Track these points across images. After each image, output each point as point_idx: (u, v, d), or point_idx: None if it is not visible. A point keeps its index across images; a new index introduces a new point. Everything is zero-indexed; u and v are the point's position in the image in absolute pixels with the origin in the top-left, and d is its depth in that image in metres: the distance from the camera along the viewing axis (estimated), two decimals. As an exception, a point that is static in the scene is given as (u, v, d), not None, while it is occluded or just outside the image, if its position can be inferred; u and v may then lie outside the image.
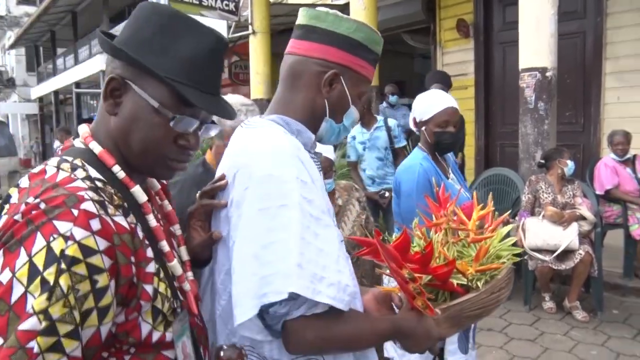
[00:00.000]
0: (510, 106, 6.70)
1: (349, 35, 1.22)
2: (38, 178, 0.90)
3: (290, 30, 1.40)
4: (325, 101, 1.23)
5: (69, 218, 0.81)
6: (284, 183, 1.07)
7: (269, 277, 1.01)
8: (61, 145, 1.66)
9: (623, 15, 6.34)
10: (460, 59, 7.90)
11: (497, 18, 7.58)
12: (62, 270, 0.79)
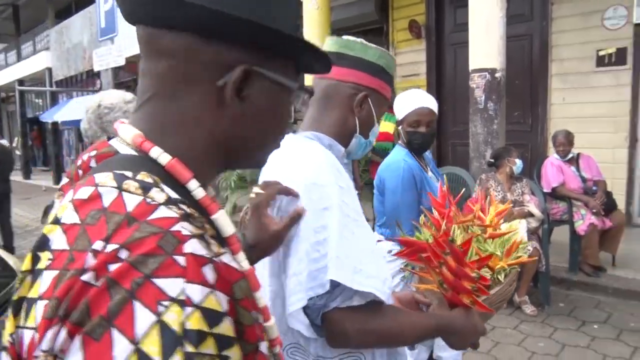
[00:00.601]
0: (461, 106, 6.85)
1: (375, 62, 1.37)
2: (93, 207, 0.58)
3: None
4: (356, 119, 1.38)
5: (176, 271, 0.53)
6: (325, 188, 1.18)
7: (315, 272, 1.10)
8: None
9: (567, 19, 6.58)
10: (412, 60, 8.03)
11: (449, 20, 7.73)
12: (192, 356, 0.51)
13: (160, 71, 0.68)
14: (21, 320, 0.56)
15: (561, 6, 6.64)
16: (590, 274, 4.89)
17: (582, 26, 6.41)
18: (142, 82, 0.72)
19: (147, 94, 0.70)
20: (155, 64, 0.69)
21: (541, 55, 6.79)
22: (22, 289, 0.59)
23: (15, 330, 0.58)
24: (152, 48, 0.69)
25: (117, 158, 0.67)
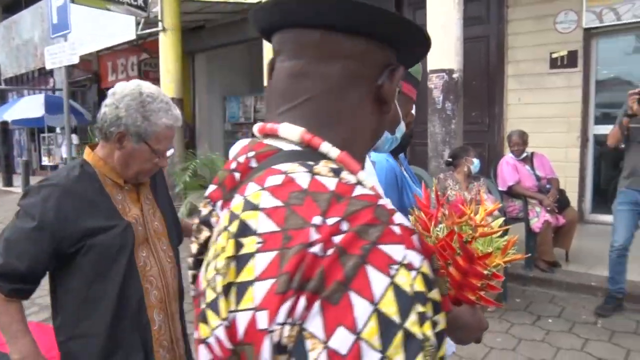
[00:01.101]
0: (420, 106, 6.87)
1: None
2: (291, 190, 0.62)
3: (201, 28, 1.44)
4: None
5: (396, 239, 0.57)
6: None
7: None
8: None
9: (521, 22, 6.74)
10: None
11: (407, 21, 7.82)
12: (423, 317, 0.54)
13: (330, 72, 0.72)
14: (231, 305, 0.59)
15: (516, 9, 6.81)
16: (545, 270, 5.03)
17: (536, 29, 6.59)
18: (298, 83, 0.74)
19: (306, 95, 0.73)
20: (325, 65, 0.72)
21: (497, 57, 6.94)
22: (228, 275, 0.60)
23: (227, 315, 0.59)
24: (325, 50, 0.72)
25: (284, 154, 0.70)
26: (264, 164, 0.70)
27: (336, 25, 0.71)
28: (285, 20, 0.75)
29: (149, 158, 1.76)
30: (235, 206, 0.65)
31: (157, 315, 1.78)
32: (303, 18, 0.73)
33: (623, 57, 6.78)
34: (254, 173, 0.70)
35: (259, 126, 0.79)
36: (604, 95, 6.81)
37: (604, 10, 6.25)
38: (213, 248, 0.66)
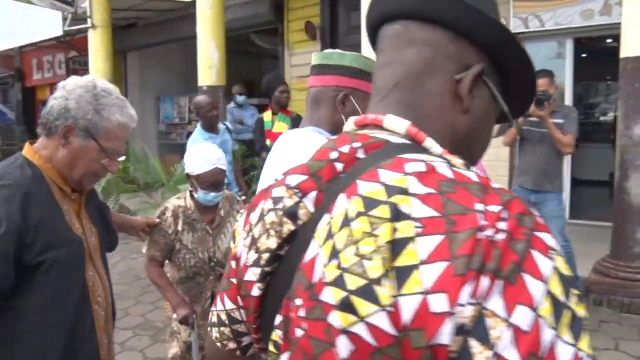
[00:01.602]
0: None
1: (351, 65, 1.62)
2: (437, 179, 0.62)
3: (133, 26, 1.40)
4: (342, 116, 1.62)
5: (543, 228, 0.60)
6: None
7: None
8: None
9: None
10: (308, 61, 7.94)
11: (343, 22, 7.89)
12: (579, 298, 0.58)
13: (407, 58, 0.76)
14: (392, 290, 0.57)
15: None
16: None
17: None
18: (385, 73, 0.79)
19: (391, 83, 0.77)
20: (403, 52, 0.76)
21: (429, 59, 7.10)
22: (384, 260, 0.58)
23: (389, 300, 0.57)
24: (404, 39, 0.76)
25: (395, 146, 0.71)
26: (375, 156, 0.70)
27: (414, 13, 0.76)
28: (374, 15, 0.82)
29: (97, 158, 1.59)
30: (371, 192, 0.63)
31: (104, 337, 1.67)
32: (383, 9, 0.80)
33: (547, 61, 7.09)
34: (368, 163, 0.69)
35: (357, 118, 0.81)
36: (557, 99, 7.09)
37: (530, 16, 6.52)
38: (342, 234, 0.63)
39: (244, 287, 0.78)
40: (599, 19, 6.16)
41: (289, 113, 5.64)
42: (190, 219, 2.69)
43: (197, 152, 2.70)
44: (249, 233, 0.79)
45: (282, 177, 0.81)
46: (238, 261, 0.81)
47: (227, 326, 0.86)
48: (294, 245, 0.72)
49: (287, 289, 0.70)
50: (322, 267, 0.64)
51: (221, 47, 6.61)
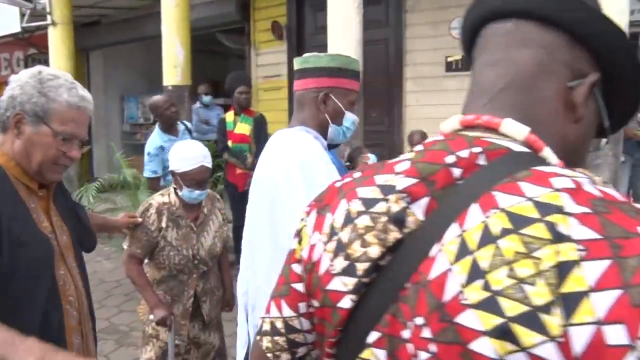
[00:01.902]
0: (323, 107, 6.98)
1: (328, 65, 1.72)
2: (587, 197, 0.58)
3: (97, 24, 1.38)
4: (325, 114, 1.74)
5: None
6: (315, 161, 1.60)
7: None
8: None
9: (419, 27, 6.97)
10: (274, 61, 8.04)
11: (309, 22, 7.86)
12: None
13: (520, 58, 0.72)
14: (561, 319, 0.52)
15: (414, 14, 7.03)
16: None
17: (433, 34, 6.84)
18: (491, 72, 0.75)
19: (501, 83, 0.73)
20: (515, 53, 0.73)
21: (397, 59, 7.13)
22: (549, 285, 0.53)
23: (559, 331, 0.52)
24: (516, 38, 0.73)
25: (519, 155, 0.67)
26: (502, 164, 0.65)
27: (530, 12, 0.73)
28: (481, 10, 0.78)
29: (52, 144, 1.52)
30: (517, 207, 0.58)
31: (75, 338, 1.61)
32: (499, 5, 0.76)
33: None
34: (498, 173, 0.64)
35: (462, 118, 0.76)
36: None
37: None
38: (486, 252, 0.57)
39: (326, 297, 0.71)
40: None
41: (252, 113, 5.60)
42: (175, 216, 2.66)
43: (183, 149, 2.67)
44: (330, 236, 0.72)
45: (364, 174, 0.76)
46: (314, 267, 0.73)
47: (283, 335, 0.80)
48: (400, 256, 0.66)
49: (389, 304, 0.65)
50: (458, 286, 0.58)
51: (186, 46, 6.52)
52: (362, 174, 0.76)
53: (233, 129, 5.55)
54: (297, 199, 1.54)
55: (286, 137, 1.76)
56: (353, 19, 5.08)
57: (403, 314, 0.63)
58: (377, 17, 7.10)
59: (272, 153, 1.76)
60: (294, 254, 0.80)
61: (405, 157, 0.74)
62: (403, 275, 0.64)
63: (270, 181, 1.70)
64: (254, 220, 1.84)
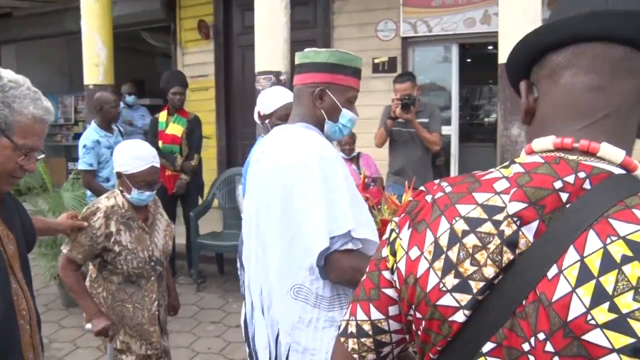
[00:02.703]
0: (250, 107, 6.90)
1: (326, 61, 1.69)
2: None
3: (8, 16, 1.27)
4: (321, 110, 1.72)
5: None
6: (332, 161, 1.57)
7: (334, 219, 1.48)
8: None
9: (346, 28, 7.06)
10: (201, 60, 7.90)
11: (237, 22, 7.77)
12: None
13: (625, 89, 0.76)
14: None
15: (341, 16, 7.11)
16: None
17: (359, 36, 6.94)
18: (597, 98, 0.77)
19: (605, 110, 0.76)
20: (622, 82, 0.76)
21: (324, 61, 7.17)
22: None
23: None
24: (625, 66, 0.75)
25: (622, 178, 0.72)
26: (604, 188, 0.70)
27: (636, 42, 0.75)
28: (601, 31, 0.75)
29: (11, 157, 1.43)
30: (635, 235, 0.64)
31: (29, 352, 1.51)
32: (620, 32, 0.75)
33: (435, 64, 7.43)
34: (607, 198, 0.69)
35: (556, 140, 0.77)
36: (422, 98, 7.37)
37: (418, 22, 6.78)
38: (609, 277, 0.63)
39: (436, 312, 0.76)
40: (480, 27, 6.53)
41: (186, 114, 5.51)
42: (126, 218, 2.54)
43: (130, 149, 2.55)
44: (436, 254, 0.77)
45: (456, 190, 0.80)
46: (418, 281, 0.78)
47: (370, 337, 0.87)
48: (514, 275, 0.71)
49: (505, 319, 0.71)
50: (583, 307, 0.63)
51: (109, 44, 6.27)
52: (454, 189, 0.80)
53: (165, 129, 5.43)
54: (313, 198, 1.52)
55: (296, 133, 1.69)
56: (280, 19, 5.07)
57: (523, 330, 0.69)
58: (304, 18, 7.14)
59: (283, 149, 1.67)
60: (385, 262, 0.86)
61: (499, 174, 0.79)
62: (519, 293, 0.70)
63: (283, 179, 1.60)
64: (260, 219, 1.75)
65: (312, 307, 1.58)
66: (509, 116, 4.66)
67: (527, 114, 0.86)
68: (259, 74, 5.12)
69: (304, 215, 1.53)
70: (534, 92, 0.85)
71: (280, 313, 1.63)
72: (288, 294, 1.59)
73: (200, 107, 7.74)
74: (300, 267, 1.57)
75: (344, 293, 1.59)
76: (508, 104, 4.66)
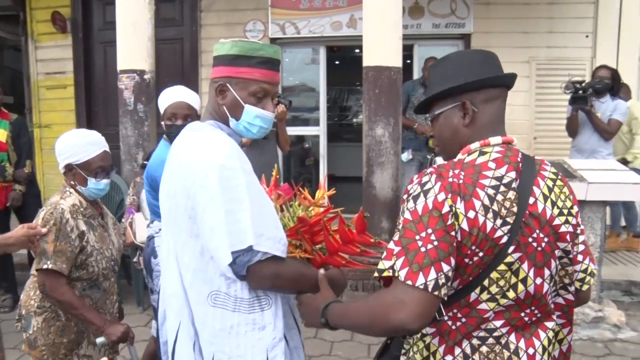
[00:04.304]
0: (113, 107, 6.58)
1: (228, 53, 1.58)
2: None
3: None
4: (223, 107, 1.62)
5: None
6: (234, 171, 1.48)
7: (235, 233, 1.44)
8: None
9: (214, 27, 6.94)
10: (57, 56, 7.31)
11: (97, 16, 7.32)
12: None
13: (504, 109, 1.46)
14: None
15: (208, 14, 6.98)
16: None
17: (228, 35, 6.78)
18: (502, 115, 1.44)
19: (501, 119, 1.44)
20: (504, 105, 1.46)
21: (192, 60, 7.01)
22: None
23: None
24: (504, 98, 1.46)
25: (525, 154, 1.41)
26: (527, 158, 1.45)
27: (509, 86, 1.47)
28: (509, 84, 1.46)
29: None
30: (550, 173, 1.45)
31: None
32: (509, 83, 1.46)
33: (304, 66, 7.57)
34: (530, 162, 1.45)
35: (504, 138, 1.40)
36: (291, 99, 7.48)
37: (286, 23, 6.85)
38: (555, 195, 1.40)
39: (492, 241, 1.28)
40: (347, 31, 6.75)
41: (6, 116, 4.81)
42: (87, 217, 2.32)
43: (77, 137, 2.33)
44: (486, 210, 1.28)
45: (469, 172, 1.32)
46: (480, 229, 1.27)
47: (450, 279, 1.27)
48: (518, 207, 1.34)
49: (517, 228, 1.31)
50: (550, 211, 1.38)
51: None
52: (466, 172, 1.29)
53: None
54: (213, 212, 1.45)
55: (201, 137, 1.57)
56: (144, 15, 4.88)
57: (526, 232, 1.30)
58: (170, 15, 6.92)
59: (186, 155, 1.56)
60: (452, 228, 1.24)
61: (484, 159, 1.33)
62: (522, 214, 1.29)
63: (186, 187, 1.52)
64: (170, 227, 1.65)
65: (232, 313, 1.54)
66: (374, 117, 4.86)
67: (471, 121, 1.39)
68: (121, 73, 4.89)
69: (207, 229, 1.48)
70: (474, 108, 1.39)
71: (200, 323, 1.57)
72: (206, 302, 1.54)
73: (57, 107, 7.21)
74: (214, 274, 1.53)
75: (264, 295, 1.56)
76: (372, 105, 4.85)
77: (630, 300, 4.87)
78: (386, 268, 1.26)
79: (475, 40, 6.72)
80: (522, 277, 1.29)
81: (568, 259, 1.39)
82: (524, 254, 1.29)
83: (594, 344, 4.02)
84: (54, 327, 2.27)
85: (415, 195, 1.28)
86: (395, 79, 4.79)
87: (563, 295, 1.43)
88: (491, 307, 1.30)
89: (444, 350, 1.34)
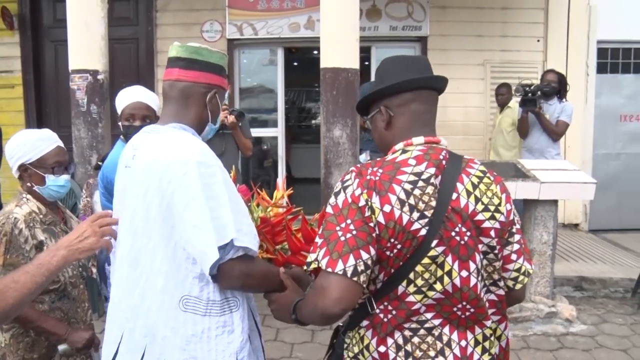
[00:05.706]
0: (65, 108, 6.39)
1: (217, 63, 1.68)
2: None
3: None
4: (209, 112, 1.70)
5: None
6: (211, 168, 1.52)
7: (219, 228, 1.46)
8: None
9: (170, 27, 6.85)
10: (4, 54, 7.03)
11: (47, 13, 7.10)
12: None
13: (435, 110, 1.54)
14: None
15: (164, 14, 6.87)
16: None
17: (185, 35, 6.74)
18: (428, 115, 1.51)
19: (431, 122, 1.52)
20: (435, 107, 1.54)
21: (147, 60, 6.89)
22: None
23: None
24: (433, 99, 1.54)
25: (452, 152, 1.48)
26: (452, 156, 1.49)
27: (440, 90, 1.54)
28: (432, 86, 1.51)
29: None
30: (476, 172, 1.49)
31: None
32: (439, 87, 1.52)
33: (261, 67, 7.54)
34: (455, 159, 1.50)
35: (426, 138, 1.46)
36: (249, 100, 7.47)
37: (244, 24, 6.81)
38: (478, 191, 1.44)
39: (409, 234, 1.34)
40: (305, 32, 6.76)
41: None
42: (48, 224, 2.18)
43: (26, 136, 2.17)
44: (402, 204, 1.35)
45: (387, 169, 1.40)
46: (397, 222, 1.33)
47: (370, 267, 1.33)
48: (439, 203, 1.39)
49: (439, 224, 1.37)
50: (473, 206, 1.43)
51: None
52: (384, 170, 1.37)
53: None
54: (197, 210, 1.46)
55: (171, 136, 1.59)
56: (97, 14, 4.75)
57: (448, 226, 1.35)
58: (125, 14, 6.78)
59: (158, 154, 1.55)
60: (370, 219, 1.32)
61: (406, 156, 1.40)
62: (443, 209, 1.35)
63: (160, 187, 1.51)
64: (135, 231, 1.59)
65: (202, 317, 1.54)
66: (331, 118, 4.86)
67: (388, 124, 1.49)
68: (73, 72, 4.74)
69: (189, 227, 1.47)
70: (390, 112, 1.48)
71: (171, 329, 1.53)
72: (177, 307, 1.53)
73: (5, 107, 6.96)
74: (186, 277, 1.52)
75: (232, 296, 1.59)
76: (330, 106, 4.86)
77: (581, 295, 5.04)
78: (312, 260, 1.36)
79: (432, 43, 6.84)
80: (447, 270, 1.35)
81: (494, 254, 1.44)
82: (447, 248, 1.34)
83: (548, 339, 4.13)
84: (23, 343, 2.14)
85: (337, 192, 1.39)
86: (352, 81, 4.81)
87: (494, 291, 1.48)
88: (419, 300, 1.36)
89: (376, 341, 1.40)
